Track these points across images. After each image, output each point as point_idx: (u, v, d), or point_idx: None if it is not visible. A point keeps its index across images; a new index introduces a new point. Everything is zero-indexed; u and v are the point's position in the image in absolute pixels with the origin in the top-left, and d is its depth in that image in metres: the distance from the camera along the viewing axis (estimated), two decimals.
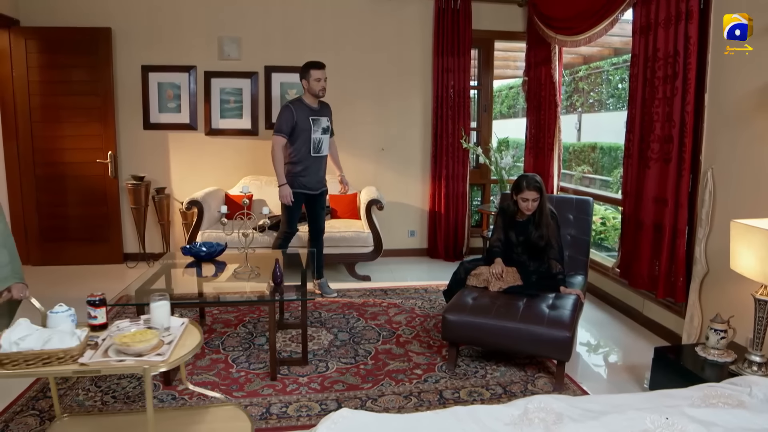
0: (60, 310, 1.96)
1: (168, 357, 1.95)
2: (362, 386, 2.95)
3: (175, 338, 2.07)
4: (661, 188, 3.43)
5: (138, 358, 1.91)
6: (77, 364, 1.87)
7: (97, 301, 2.07)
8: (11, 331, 1.85)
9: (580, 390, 2.95)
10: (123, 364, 1.90)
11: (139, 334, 1.97)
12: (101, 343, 2.01)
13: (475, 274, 3.45)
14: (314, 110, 4.13)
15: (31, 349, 1.81)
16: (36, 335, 1.86)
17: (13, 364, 1.79)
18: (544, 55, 5.19)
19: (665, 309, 3.65)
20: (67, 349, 1.85)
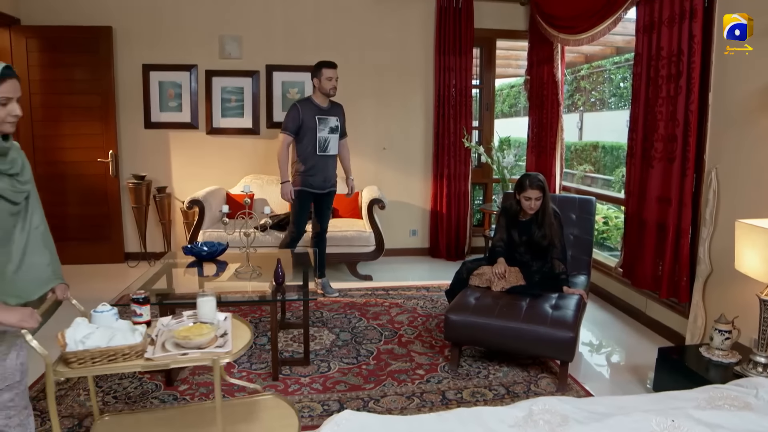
0: (104, 310, 1.97)
1: (232, 348, 1.99)
2: (364, 387, 2.94)
3: (227, 330, 2.11)
4: (665, 188, 3.41)
5: (202, 351, 1.94)
6: (143, 360, 1.89)
7: (141, 299, 2.10)
8: (74, 330, 1.85)
9: (584, 391, 2.93)
10: (189, 357, 1.93)
11: (196, 329, 2.00)
12: (155, 338, 2.03)
13: (478, 273, 3.44)
14: (322, 109, 4.13)
15: (97, 346, 1.83)
16: (99, 333, 1.86)
17: (79, 362, 1.80)
18: (546, 53, 5.17)
19: (668, 309, 3.63)
20: (132, 345, 1.87)
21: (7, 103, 1.67)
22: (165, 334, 2.06)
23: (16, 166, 1.77)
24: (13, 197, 1.74)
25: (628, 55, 9.79)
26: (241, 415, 2.33)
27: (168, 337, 2.02)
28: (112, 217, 5.34)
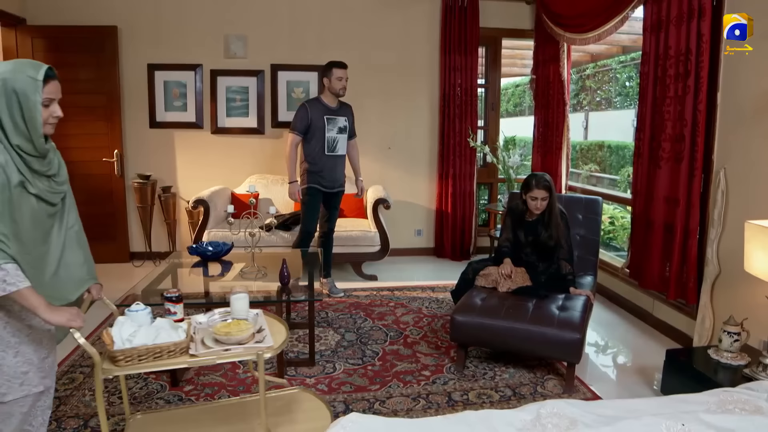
0: (138, 309, 1.98)
1: (273, 343, 2.01)
2: (370, 388, 2.93)
3: (263, 326, 2.12)
4: (673, 188, 3.38)
5: (244, 346, 1.96)
6: (188, 356, 1.90)
7: (175, 297, 2.11)
8: (120, 328, 1.87)
9: (591, 392, 2.91)
10: (232, 353, 1.95)
11: (235, 325, 2.02)
12: (193, 335, 2.03)
13: (484, 274, 3.42)
14: (331, 109, 4.12)
15: (144, 344, 1.84)
16: (143, 331, 1.88)
17: (126, 360, 1.82)
18: (552, 53, 5.14)
19: (676, 310, 3.60)
20: (178, 342, 1.89)
21: (49, 104, 1.69)
22: (202, 330, 2.07)
23: (54, 167, 1.78)
24: (51, 198, 1.75)
25: (634, 54, 9.76)
26: (273, 409, 2.33)
27: (206, 334, 2.03)
28: (118, 217, 5.35)
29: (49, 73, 1.67)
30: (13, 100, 1.61)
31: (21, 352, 1.72)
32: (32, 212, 1.70)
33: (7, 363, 1.69)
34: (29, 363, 1.74)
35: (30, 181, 1.68)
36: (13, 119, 1.62)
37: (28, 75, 1.63)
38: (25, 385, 1.72)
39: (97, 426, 2.56)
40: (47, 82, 1.66)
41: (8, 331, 1.70)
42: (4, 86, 1.60)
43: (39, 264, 1.73)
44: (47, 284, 1.75)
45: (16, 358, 1.71)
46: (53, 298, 1.76)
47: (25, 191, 1.67)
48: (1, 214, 1.59)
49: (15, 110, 1.62)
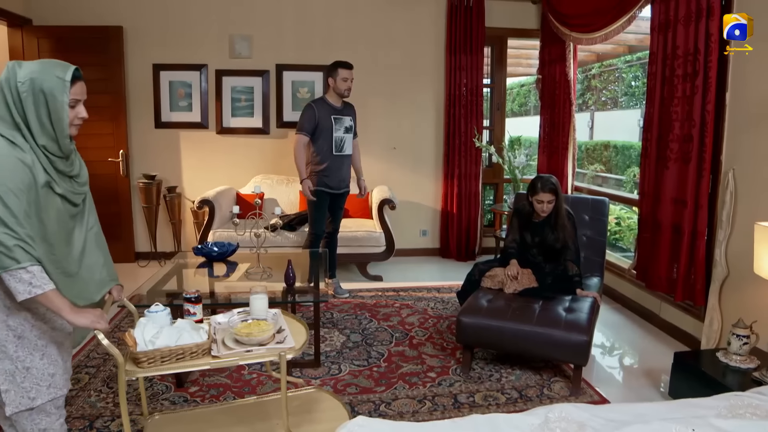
0: (157, 310, 1.98)
1: (294, 344, 2.00)
2: (375, 389, 2.92)
3: (283, 326, 2.11)
4: (681, 189, 3.36)
5: (266, 347, 1.95)
6: (210, 357, 1.90)
7: (194, 298, 2.11)
8: (142, 329, 1.87)
9: (597, 395, 2.89)
10: (255, 354, 1.94)
11: (256, 325, 2.01)
12: (214, 336, 2.03)
13: (490, 275, 3.40)
14: (337, 109, 4.10)
15: (166, 345, 1.84)
16: (166, 332, 1.88)
17: (149, 361, 1.82)
18: (558, 52, 5.12)
19: (683, 312, 3.58)
20: (200, 343, 1.89)
21: (75, 105, 1.68)
22: (222, 331, 2.07)
23: (76, 167, 1.78)
24: (74, 199, 1.76)
25: (640, 54, 9.72)
26: (291, 408, 2.30)
27: (226, 335, 2.03)
28: (123, 217, 5.35)
29: (75, 73, 1.67)
30: (40, 101, 1.61)
31: (47, 354, 1.72)
32: (57, 213, 1.70)
33: (35, 366, 1.68)
34: (55, 365, 1.74)
35: (56, 181, 1.68)
36: (40, 119, 1.62)
37: (57, 75, 1.62)
38: (52, 387, 1.72)
39: (102, 427, 2.55)
40: (74, 83, 1.66)
41: (35, 334, 1.70)
42: (32, 86, 1.60)
43: (63, 265, 1.73)
44: (70, 286, 1.75)
45: (42, 360, 1.71)
46: (77, 299, 1.76)
47: (51, 191, 1.67)
48: (27, 214, 1.58)
49: (42, 110, 1.61)
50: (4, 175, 1.54)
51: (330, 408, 2.32)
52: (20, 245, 1.54)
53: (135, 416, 2.56)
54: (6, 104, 1.60)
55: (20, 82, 1.59)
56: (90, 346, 3.41)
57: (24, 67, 1.62)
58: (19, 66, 1.62)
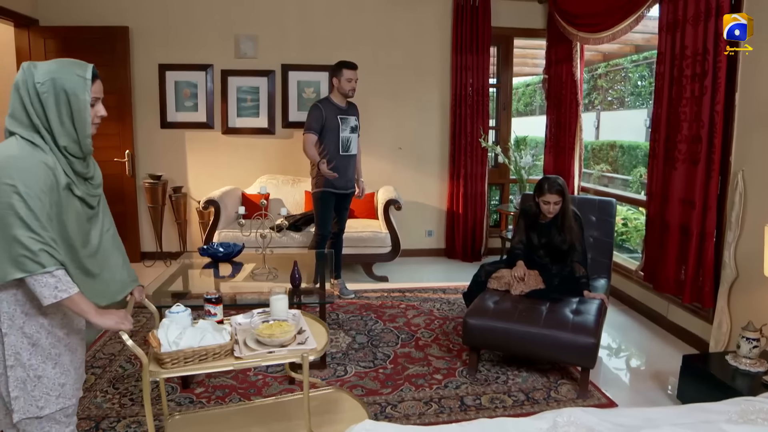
0: (179, 310, 1.98)
1: (316, 345, 1.98)
2: (381, 391, 2.90)
3: (304, 327, 2.10)
4: (689, 190, 3.33)
5: (288, 348, 1.95)
6: (233, 358, 1.90)
7: (215, 298, 2.11)
8: (166, 330, 1.87)
9: (605, 398, 2.87)
10: (277, 355, 1.94)
11: (278, 326, 2.00)
12: (235, 336, 2.02)
13: (497, 276, 3.38)
14: (342, 109, 4.10)
15: (190, 347, 1.84)
16: (189, 333, 1.88)
17: (173, 362, 1.82)
18: (564, 52, 5.09)
19: (691, 314, 3.55)
20: (223, 344, 1.89)
21: (95, 104, 1.67)
22: (243, 332, 2.06)
23: (91, 169, 1.77)
24: (90, 201, 1.75)
25: (647, 53, 9.68)
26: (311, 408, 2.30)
27: (247, 335, 2.02)
28: (129, 217, 5.35)
29: (95, 71, 1.66)
30: (61, 100, 1.59)
31: (60, 363, 1.70)
32: (76, 215, 1.69)
33: (47, 375, 1.66)
34: (67, 374, 1.72)
35: (75, 183, 1.67)
36: (61, 120, 1.60)
37: (77, 74, 1.60)
38: (61, 397, 1.69)
39: (108, 428, 2.55)
40: (93, 81, 1.65)
41: (49, 342, 1.68)
42: (54, 86, 1.58)
43: (85, 267, 1.73)
44: (92, 286, 1.74)
45: (54, 369, 1.68)
46: (99, 298, 1.75)
47: (71, 194, 1.66)
48: (50, 217, 1.57)
49: (64, 110, 1.60)
50: (27, 178, 1.51)
51: (350, 408, 2.31)
52: (45, 249, 1.53)
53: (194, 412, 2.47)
54: (23, 106, 1.58)
55: (39, 82, 1.57)
56: (96, 346, 3.41)
57: (40, 67, 1.60)
58: (34, 66, 1.59)
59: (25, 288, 1.59)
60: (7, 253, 1.52)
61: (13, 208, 1.49)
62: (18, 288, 1.60)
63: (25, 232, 1.51)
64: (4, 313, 1.59)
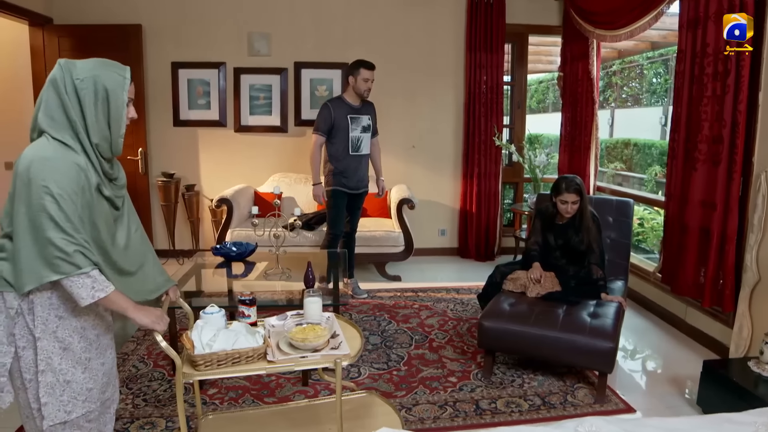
0: (213, 311, 1.97)
1: (350, 350, 1.95)
2: (396, 394, 2.88)
3: (337, 331, 2.07)
4: (709, 191, 3.26)
5: (321, 353, 1.91)
6: (266, 362, 1.88)
7: (248, 300, 2.10)
8: (199, 332, 1.86)
9: (623, 403, 2.82)
10: (310, 360, 1.91)
11: (311, 330, 1.97)
12: (268, 339, 2.00)
13: (512, 278, 3.34)
14: (354, 108, 4.06)
15: (223, 349, 1.82)
16: (222, 336, 1.86)
17: (206, 365, 1.81)
18: (580, 50, 5.02)
19: (710, 317, 3.48)
20: (256, 348, 1.87)
21: (129, 105, 1.67)
22: (276, 334, 2.03)
23: (116, 170, 1.77)
24: (116, 202, 1.75)
25: (662, 50, 9.55)
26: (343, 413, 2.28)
27: (281, 338, 1.99)
28: (142, 215, 5.24)
29: (129, 74, 1.66)
30: (100, 97, 1.59)
31: (90, 368, 1.70)
32: (105, 216, 1.70)
33: (75, 379, 1.66)
34: (95, 379, 1.72)
35: (104, 184, 1.67)
36: (97, 117, 1.60)
37: (118, 73, 1.62)
38: (87, 401, 1.69)
39: (122, 429, 2.54)
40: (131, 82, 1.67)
41: (81, 346, 1.68)
42: (94, 83, 1.58)
43: (118, 266, 1.74)
44: (127, 285, 1.75)
45: (84, 374, 1.68)
46: (133, 295, 1.75)
47: (101, 195, 1.66)
48: (81, 219, 1.57)
49: (101, 108, 1.60)
50: (60, 179, 1.51)
51: (383, 413, 2.26)
52: (80, 250, 1.52)
53: (228, 413, 2.44)
54: (61, 102, 1.57)
55: (79, 78, 1.56)
56: None
57: (80, 64, 1.60)
58: (73, 64, 1.59)
59: (60, 291, 1.60)
60: (42, 256, 1.51)
61: (46, 210, 1.48)
62: (53, 291, 1.60)
63: (59, 234, 1.50)
64: (39, 317, 1.59)
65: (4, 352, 1.59)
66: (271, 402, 2.78)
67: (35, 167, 1.50)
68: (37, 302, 1.59)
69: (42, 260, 1.51)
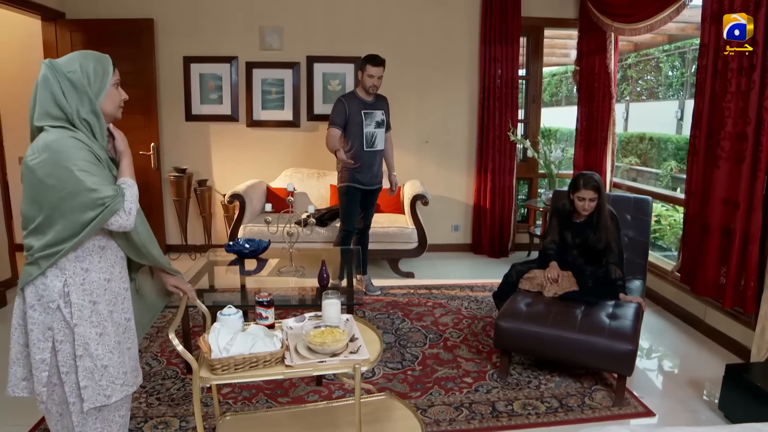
0: (230, 313, 1.95)
1: (369, 355, 1.91)
2: (411, 395, 2.84)
3: (356, 334, 2.04)
4: (732, 189, 3.18)
5: (339, 358, 1.88)
6: (284, 366, 1.85)
7: (266, 302, 2.07)
8: (216, 336, 1.85)
9: (642, 406, 2.77)
10: (329, 365, 1.87)
11: (329, 334, 1.93)
12: (286, 342, 1.97)
13: (528, 277, 3.28)
14: (367, 103, 4.00)
15: (240, 353, 1.80)
16: (240, 339, 1.85)
17: (223, 369, 1.79)
18: (598, 43, 4.93)
19: (731, 318, 3.41)
20: (274, 352, 1.84)
21: (117, 87, 1.76)
22: (294, 337, 2.00)
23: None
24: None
25: (679, 43, 9.39)
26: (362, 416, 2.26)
27: (298, 341, 1.96)
28: (154, 210, 5.36)
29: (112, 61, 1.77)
30: (90, 83, 1.67)
31: (122, 352, 1.75)
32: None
33: (112, 364, 1.70)
34: (127, 363, 1.77)
35: (108, 160, 1.74)
36: (90, 102, 1.66)
37: (99, 59, 1.72)
38: (125, 385, 1.75)
39: (135, 428, 2.53)
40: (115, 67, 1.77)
41: (114, 330, 1.72)
42: (82, 70, 1.66)
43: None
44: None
45: (120, 358, 1.74)
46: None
47: (110, 172, 1.72)
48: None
49: (92, 93, 1.67)
50: (72, 154, 1.57)
51: (402, 417, 2.22)
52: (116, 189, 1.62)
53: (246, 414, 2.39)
54: (53, 97, 1.63)
55: (71, 71, 1.64)
56: None
57: (63, 59, 1.68)
58: (58, 62, 1.67)
59: (92, 276, 1.67)
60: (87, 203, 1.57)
61: (80, 180, 1.55)
62: (85, 275, 1.65)
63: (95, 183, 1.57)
64: (75, 305, 1.64)
65: (42, 348, 1.63)
66: (285, 402, 2.76)
67: (53, 151, 1.56)
68: (72, 290, 1.63)
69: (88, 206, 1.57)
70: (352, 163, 3.92)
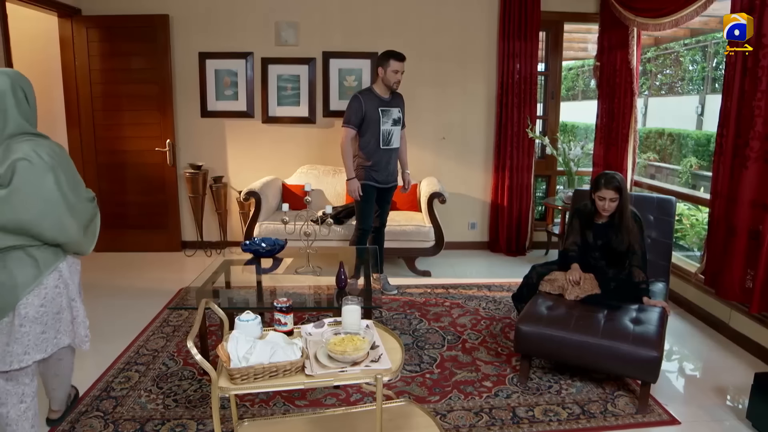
0: (248, 318, 1.92)
1: (390, 365, 1.87)
2: (429, 399, 2.80)
3: (377, 342, 1.99)
4: (762, 191, 3.09)
5: (360, 368, 1.84)
6: (304, 376, 1.81)
7: (285, 308, 2.03)
8: (235, 345, 1.81)
9: (666, 414, 2.70)
10: (350, 375, 1.82)
11: (350, 341, 1.89)
12: (306, 349, 1.93)
13: (549, 279, 3.22)
14: (384, 101, 3.95)
15: (260, 363, 1.77)
16: (259, 348, 1.81)
17: (242, 378, 1.76)
18: (619, 38, 4.82)
19: (757, 323, 3.33)
20: (294, 361, 1.81)
21: None
22: (314, 344, 1.96)
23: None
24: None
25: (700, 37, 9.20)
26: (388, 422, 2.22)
27: (318, 348, 1.92)
28: (170, 206, 5.35)
29: None
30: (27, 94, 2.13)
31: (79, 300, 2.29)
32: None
33: (81, 312, 2.25)
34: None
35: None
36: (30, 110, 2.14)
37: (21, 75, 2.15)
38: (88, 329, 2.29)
39: (152, 430, 2.51)
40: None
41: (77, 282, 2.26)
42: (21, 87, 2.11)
43: None
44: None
45: (82, 305, 2.27)
46: None
47: None
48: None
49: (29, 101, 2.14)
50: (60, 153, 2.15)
51: (422, 425, 2.17)
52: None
53: (264, 419, 2.36)
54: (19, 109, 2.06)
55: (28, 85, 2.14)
56: (139, 341, 3.40)
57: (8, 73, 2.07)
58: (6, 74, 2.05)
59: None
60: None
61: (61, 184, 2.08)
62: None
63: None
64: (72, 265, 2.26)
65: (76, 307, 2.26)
66: (302, 405, 2.73)
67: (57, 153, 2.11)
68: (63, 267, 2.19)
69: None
70: (369, 164, 3.89)
